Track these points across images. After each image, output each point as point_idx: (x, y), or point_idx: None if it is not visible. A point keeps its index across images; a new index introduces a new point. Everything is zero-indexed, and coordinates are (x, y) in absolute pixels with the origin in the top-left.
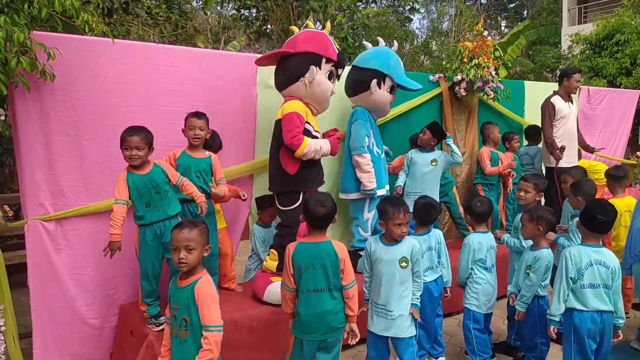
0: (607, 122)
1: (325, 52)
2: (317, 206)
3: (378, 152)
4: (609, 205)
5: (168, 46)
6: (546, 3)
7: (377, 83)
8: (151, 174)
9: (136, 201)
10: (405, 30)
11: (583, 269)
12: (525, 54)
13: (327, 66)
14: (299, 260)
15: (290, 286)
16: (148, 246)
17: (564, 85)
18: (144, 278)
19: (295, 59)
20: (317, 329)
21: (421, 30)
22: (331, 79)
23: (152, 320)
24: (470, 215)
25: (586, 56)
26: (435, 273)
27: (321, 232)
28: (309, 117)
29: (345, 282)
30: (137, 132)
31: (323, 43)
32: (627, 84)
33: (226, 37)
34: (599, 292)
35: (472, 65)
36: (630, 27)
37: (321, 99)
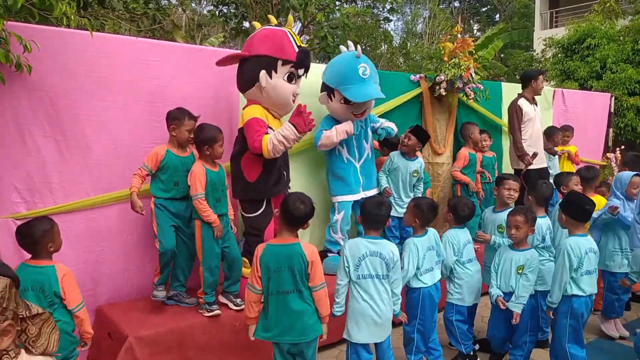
0: (583, 124)
1: (281, 54)
2: (296, 203)
3: (349, 159)
4: (584, 196)
5: (151, 40)
6: (518, 7)
7: (327, 96)
8: (220, 172)
9: (208, 196)
10: (384, 31)
11: (582, 258)
12: (497, 57)
13: (285, 68)
14: (267, 262)
15: (256, 288)
16: (212, 241)
17: (531, 87)
18: (208, 271)
19: (250, 63)
20: (290, 331)
21: (396, 32)
22: (292, 80)
23: (207, 306)
24: (453, 215)
25: (558, 59)
26: (434, 276)
27: (291, 234)
28: (270, 121)
29: (312, 284)
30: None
31: (278, 43)
32: (598, 87)
33: (201, 34)
34: (592, 277)
35: (452, 66)
36: (600, 31)
37: (279, 103)
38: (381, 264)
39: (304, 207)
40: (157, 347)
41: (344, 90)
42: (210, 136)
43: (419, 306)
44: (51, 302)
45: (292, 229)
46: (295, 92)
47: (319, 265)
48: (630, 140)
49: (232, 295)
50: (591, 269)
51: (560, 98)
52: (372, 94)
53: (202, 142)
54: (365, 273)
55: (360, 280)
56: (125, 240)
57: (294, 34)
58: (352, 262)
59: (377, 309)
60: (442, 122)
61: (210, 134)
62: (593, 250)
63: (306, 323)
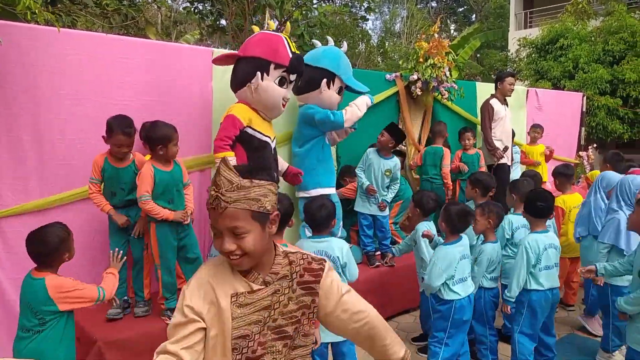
0: (556, 123)
1: (274, 57)
2: None
3: (329, 152)
4: (546, 192)
5: (119, 37)
6: (493, 8)
7: (327, 83)
8: (174, 171)
9: (160, 197)
10: (361, 30)
11: (541, 254)
12: (474, 57)
13: (277, 72)
14: None
15: None
16: (169, 241)
17: (499, 88)
18: (167, 273)
19: (244, 63)
20: None
21: (374, 31)
22: (283, 84)
23: (168, 312)
24: (420, 209)
25: (532, 59)
26: (467, 286)
27: (277, 235)
28: (255, 123)
29: None
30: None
31: (273, 47)
32: (570, 87)
33: (177, 31)
34: (552, 272)
35: (427, 65)
36: (572, 32)
37: (269, 105)
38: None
39: (279, 207)
40: (128, 352)
41: (347, 79)
42: (163, 135)
43: (450, 319)
44: None
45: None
46: (286, 96)
47: None
48: (601, 139)
49: None
50: (551, 264)
51: (534, 97)
52: (365, 87)
53: (155, 141)
54: None
55: None
56: (91, 241)
57: (290, 41)
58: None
59: None
60: (418, 121)
61: (164, 132)
62: (553, 246)
63: None
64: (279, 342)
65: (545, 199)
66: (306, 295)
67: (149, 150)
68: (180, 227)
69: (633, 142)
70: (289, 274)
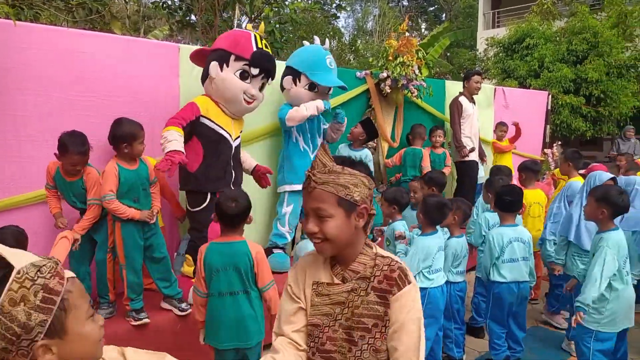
0: (522, 121)
1: (235, 49)
2: (227, 202)
3: (305, 148)
4: (515, 187)
5: (82, 31)
6: (463, 7)
7: (293, 80)
8: (140, 170)
9: (124, 196)
10: (333, 27)
11: (504, 247)
12: (443, 56)
13: (238, 64)
14: (210, 262)
15: (201, 291)
16: (135, 240)
17: (466, 87)
18: (132, 273)
19: (209, 57)
20: (234, 336)
21: (347, 29)
22: (246, 78)
23: (133, 314)
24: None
25: (499, 58)
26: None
27: (234, 232)
28: (213, 114)
29: (261, 284)
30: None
31: (235, 40)
32: (536, 86)
33: (146, 26)
34: (516, 265)
35: (396, 63)
36: (538, 32)
37: (227, 97)
38: None
39: (235, 205)
40: None
41: (311, 75)
42: (128, 133)
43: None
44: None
45: (233, 228)
46: (248, 91)
47: (265, 264)
48: (565, 136)
49: (175, 300)
50: (515, 257)
51: (501, 96)
52: (336, 81)
53: (120, 138)
54: None
55: None
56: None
57: (261, 39)
58: None
59: None
60: (390, 118)
61: (129, 130)
62: (520, 239)
63: (251, 327)
64: (346, 344)
65: (514, 194)
66: (379, 305)
67: (114, 148)
68: (146, 227)
69: (595, 140)
70: (369, 276)
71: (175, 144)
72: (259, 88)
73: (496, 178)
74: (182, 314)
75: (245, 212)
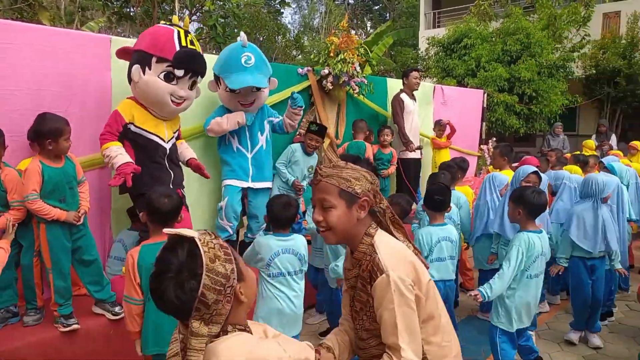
0: (460, 118)
1: (155, 50)
2: (160, 198)
3: (239, 149)
4: (443, 187)
5: (5, 21)
6: (406, 7)
7: (216, 84)
8: (66, 168)
9: (49, 196)
10: (277, 23)
11: (433, 246)
12: (387, 54)
13: (160, 66)
14: (147, 265)
15: (137, 299)
16: (62, 243)
17: (406, 84)
18: (59, 277)
19: (132, 59)
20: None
21: (293, 25)
22: (171, 80)
23: (62, 320)
24: None
25: (439, 58)
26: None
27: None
28: (139, 119)
29: None
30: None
31: (157, 40)
32: (473, 84)
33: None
34: (444, 264)
35: (337, 60)
36: (475, 32)
37: (152, 100)
38: (295, 261)
39: (169, 201)
40: None
41: (225, 78)
42: (53, 128)
43: None
44: None
45: (165, 225)
46: (175, 93)
47: None
48: (500, 133)
49: (107, 304)
50: (443, 257)
51: (440, 94)
52: (248, 81)
53: (44, 135)
54: (277, 271)
55: (272, 278)
56: None
57: (186, 35)
58: (264, 261)
59: (292, 306)
60: (333, 114)
61: (53, 126)
62: (448, 239)
63: None
64: (354, 315)
65: (442, 193)
66: (363, 292)
67: (37, 145)
68: (74, 228)
69: (528, 136)
70: (360, 265)
71: (121, 158)
72: (188, 87)
73: (439, 173)
74: (116, 318)
75: (177, 209)
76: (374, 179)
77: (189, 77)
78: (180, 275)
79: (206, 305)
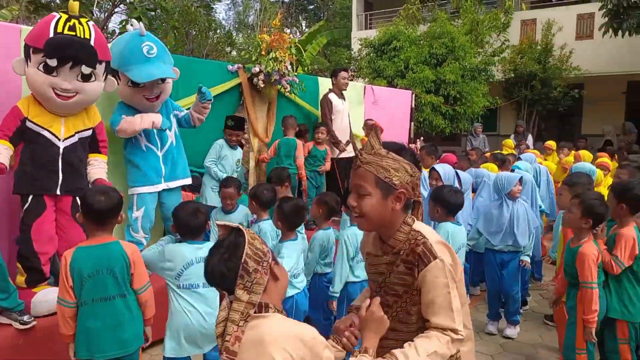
0: (390, 118)
1: (32, 41)
2: (95, 197)
3: (148, 147)
4: None
5: None
6: (339, 8)
7: (114, 76)
8: None
9: None
10: (209, 18)
11: (358, 247)
12: (322, 53)
13: (37, 57)
14: (80, 268)
15: (69, 301)
16: None
17: (335, 83)
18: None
19: None
20: (111, 345)
21: (228, 21)
22: (51, 71)
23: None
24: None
25: (371, 59)
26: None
27: (105, 232)
28: (33, 114)
29: (137, 286)
30: None
31: (35, 30)
32: (402, 85)
33: None
34: None
35: (269, 58)
36: (404, 35)
37: (37, 94)
38: None
39: (105, 199)
40: None
41: (127, 71)
42: None
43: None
44: None
45: (103, 226)
46: (58, 85)
47: (141, 265)
48: (428, 132)
49: (15, 312)
50: None
51: (371, 94)
52: (158, 73)
53: None
54: (189, 282)
55: (184, 289)
56: None
57: (68, 20)
58: (174, 271)
59: (203, 321)
60: (263, 113)
61: None
62: None
63: (130, 332)
64: (385, 307)
65: None
66: (407, 275)
67: None
68: None
69: (454, 136)
70: (400, 250)
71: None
72: (78, 78)
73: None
74: (24, 328)
75: (116, 207)
76: (414, 172)
77: (70, 67)
78: (228, 249)
79: (247, 273)
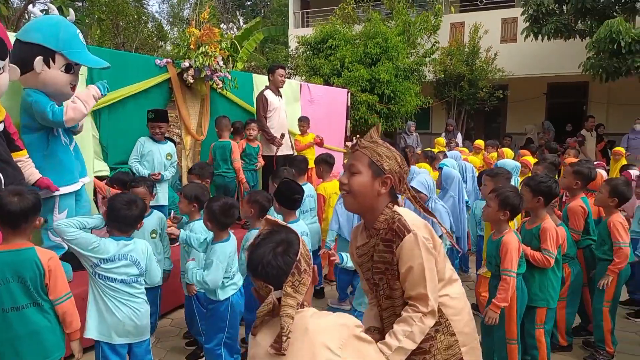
0: (327, 116)
1: None
2: (8, 196)
3: (65, 142)
4: (293, 183)
5: None
6: (277, 5)
7: (45, 61)
8: None
9: None
10: (139, 11)
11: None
12: (259, 50)
13: None
14: None
15: None
16: None
17: (271, 80)
18: None
19: None
20: (28, 355)
21: (161, 14)
22: None
23: None
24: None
25: (307, 56)
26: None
27: (20, 236)
28: None
29: (53, 296)
30: None
31: None
32: (338, 84)
33: None
34: None
35: (199, 53)
36: (340, 34)
37: None
38: (132, 266)
39: (18, 200)
40: None
41: (71, 55)
42: None
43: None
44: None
45: (17, 230)
46: None
47: (60, 274)
48: (364, 131)
49: None
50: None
51: (307, 91)
52: (101, 61)
53: None
54: (115, 277)
55: (108, 283)
56: None
57: None
58: (97, 265)
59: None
60: (196, 109)
61: None
62: (305, 233)
63: (49, 341)
64: (373, 286)
65: (298, 191)
66: (387, 253)
67: None
68: None
69: (390, 134)
70: (380, 229)
71: None
72: None
73: (281, 168)
74: None
75: (31, 210)
76: (404, 165)
77: None
78: (282, 244)
79: (299, 272)
